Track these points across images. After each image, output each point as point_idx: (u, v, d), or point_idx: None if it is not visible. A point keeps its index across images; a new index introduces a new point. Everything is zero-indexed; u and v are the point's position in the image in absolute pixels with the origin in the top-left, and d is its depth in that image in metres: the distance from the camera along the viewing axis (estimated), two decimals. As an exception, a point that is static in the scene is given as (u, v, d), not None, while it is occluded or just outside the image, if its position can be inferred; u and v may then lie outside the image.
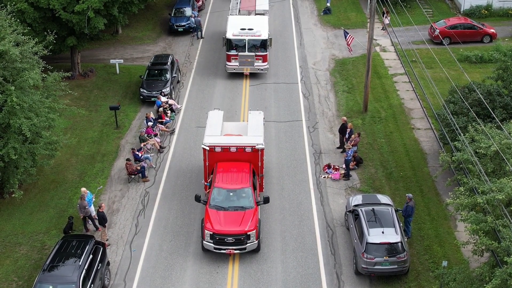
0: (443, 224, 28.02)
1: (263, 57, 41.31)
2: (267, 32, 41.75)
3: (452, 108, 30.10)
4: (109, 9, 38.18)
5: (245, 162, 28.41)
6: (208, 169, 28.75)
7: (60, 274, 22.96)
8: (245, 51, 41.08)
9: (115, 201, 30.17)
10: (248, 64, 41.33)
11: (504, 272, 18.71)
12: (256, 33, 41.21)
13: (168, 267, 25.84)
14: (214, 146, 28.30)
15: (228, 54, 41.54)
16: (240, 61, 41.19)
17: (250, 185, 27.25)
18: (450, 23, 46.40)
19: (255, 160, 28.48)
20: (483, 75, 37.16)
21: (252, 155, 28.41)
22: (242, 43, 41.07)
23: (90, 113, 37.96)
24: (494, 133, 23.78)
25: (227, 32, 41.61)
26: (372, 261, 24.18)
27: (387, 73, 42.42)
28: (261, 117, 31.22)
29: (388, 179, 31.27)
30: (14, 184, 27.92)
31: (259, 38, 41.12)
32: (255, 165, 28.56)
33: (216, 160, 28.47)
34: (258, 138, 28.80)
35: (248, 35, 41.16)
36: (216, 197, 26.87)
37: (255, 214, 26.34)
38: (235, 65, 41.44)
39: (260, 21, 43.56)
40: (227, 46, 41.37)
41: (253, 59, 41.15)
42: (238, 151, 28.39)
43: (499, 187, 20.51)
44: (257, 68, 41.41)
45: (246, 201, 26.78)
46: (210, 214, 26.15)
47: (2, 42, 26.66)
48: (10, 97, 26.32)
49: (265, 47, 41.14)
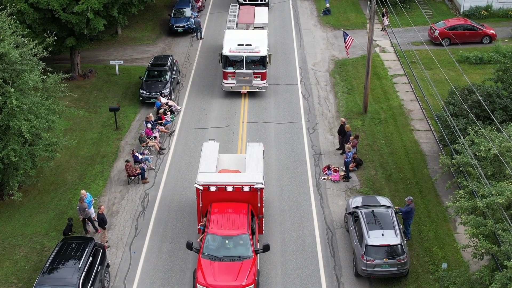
0: (443, 226, 28.02)
1: (261, 74, 39.01)
2: (266, 48, 39.57)
3: (451, 110, 30.11)
4: (108, 10, 38.18)
5: (243, 202, 25.84)
6: (202, 210, 26.17)
7: (60, 276, 22.93)
8: (242, 69, 38.74)
9: (114, 202, 30.17)
10: (246, 82, 39.01)
11: (504, 276, 18.73)
12: (255, 49, 38.89)
13: (167, 269, 25.82)
14: (208, 185, 25.68)
15: (225, 72, 39.07)
16: (238, 79, 38.87)
17: (248, 230, 24.66)
18: (450, 24, 46.42)
19: (254, 200, 25.91)
20: (483, 76, 37.23)
21: (251, 195, 25.81)
22: (239, 60, 38.83)
23: (89, 115, 37.96)
24: (494, 136, 23.78)
25: (224, 48, 39.26)
26: (371, 263, 24.18)
27: (386, 74, 42.43)
28: (261, 149, 28.70)
29: (388, 181, 31.28)
30: (14, 186, 27.92)
31: (258, 55, 38.79)
32: (254, 206, 26.00)
33: (210, 201, 25.90)
34: (257, 176, 26.20)
35: (246, 52, 38.77)
36: (210, 244, 24.35)
37: (253, 265, 23.74)
38: (232, 83, 39.11)
39: (259, 36, 41.29)
40: (224, 63, 38.95)
41: (251, 77, 38.83)
42: (235, 191, 25.76)
43: (499, 191, 20.54)
44: (256, 86, 39.15)
45: (243, 249, 24.21)
46: (203, 265, 23.61)
47: (2, 44, 26.62)
48: (10, 99, 26.32)
49: (264, 64, 38.91)
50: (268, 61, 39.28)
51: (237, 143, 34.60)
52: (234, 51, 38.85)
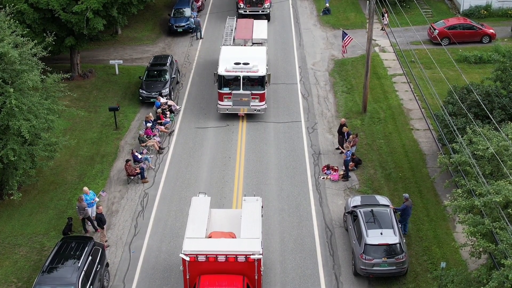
0: (442, 225, 28.07)
1: (260, 96, 36.03)
2: (265, 67, 36.51)
3: (450, 109, 30.15)
4: (108, 10, 38.22)
5: (237, 275, 22.31)
6: (190, 283, 22.66)
7: (59, 275, 23.02)
8: (239, 89, 35.82)
9: (114, 202, 30.22)
10: (243, 104, 36.05)
11: (501, 275, 18.76)
12: (253, 68, 35.83)
13: (167, 269, 25.86)
14: (196, 254, 22.22)
15: (220, 93, 36.10)
16: (234, 100, 35.91)
17: None
18: (449, 23, 46.44)
19: (250, 272, 22.34)
20: (482, 76, 37.23)
21: (246, 266, 22.28)
22: (236, 80, 35.92)
23: (89, 114, 38.01)
24: (492, 135, 23.82)
25: (219, 67, 36.30)
26: (370, 262, 24.23)
27: (386, 73, 42.46)
28: (259, 206, 25.08)
29: (387, 180, 31.31)
30: (13, 185, 28.00)
31: (256, 75, 35.79)
32: (250, 278, 22.39)
33: (199, 272, 22.43)
34: (254, 243, 22.59)
35: (244, 71, 35.73)
36: None
37: None
38: (228, 105, 36.14)
39: (257, 53, 38.07)
40: (219, 83, 36.03)
41: (249, 98, 35.90)
42: (228, 261, 22.25)
43: (497, 190, 20.56)
44: (254, 109, 36.24)
45: None
46: None
47: (1, 44, 26.68)
48: (9, 99, 26.38)
49: (262, 84, 35.98)
50: (267, 81, 36.44)
51: (237, 143, 34.66)
52: (231, 70, 35.91)
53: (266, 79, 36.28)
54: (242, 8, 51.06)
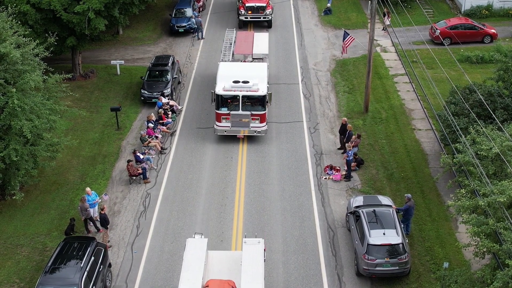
0: (444, 225, 28.04)
1: (260, 116, 33.69)
2: (266, 85, 34.22)
3: (453, 109, 30.13)
4: (109, 10, 38.23)
5: None
6: None
7: (62, 276, 23.00)
8: (238, 110, 33.60)
9: (116, 202, 30.20)
10: (242, 125, 33.79)
11: (505, 275, 18.75)
12: (253, 87, 33.45)
13: (169, 269, 25.85)
14: None
15: (218, 113, 33.81)
16: (233, 121, 33.67)
17: None
18: (451, 23, 46.41)
19: None
20: (484, 76, 37.24)
21: None
22: (235, 100, 33.70)
23: (91, 115, 37.99)
24: (495, 135, 23.80)
25: (217, 86, 34.00)
26: (373, 262, 24.20)
27: (387, 73, 42.43)
28: (261, 249, 22.69)
29: (389, 180, 31.29)
30: (15, 186, 28.01)
31: (256, 94, 33.42)
32: None
33: None
34: None
35: (243, 90, 33.38)
36: None
37: None
38: (226, 126, 33.92)
39: (258, 71, 35.56)
40: (217, 103, 33.75)
41: (249, 119, 33.66)
42: None
43: (501, 190, 20.55)
44: (254, 130, 33.95)
45: None
46: None
47: (3, 44, 26.69)
48: (11, 99, 26.40)
49: (263, 104, 33.70)
50: (268, 101, 34.00)
51: (239, 143, 34.63)
52: (229, 89, 33.53)
53: (267, 99, 33.93)
54: (243, 14, 49.59)
